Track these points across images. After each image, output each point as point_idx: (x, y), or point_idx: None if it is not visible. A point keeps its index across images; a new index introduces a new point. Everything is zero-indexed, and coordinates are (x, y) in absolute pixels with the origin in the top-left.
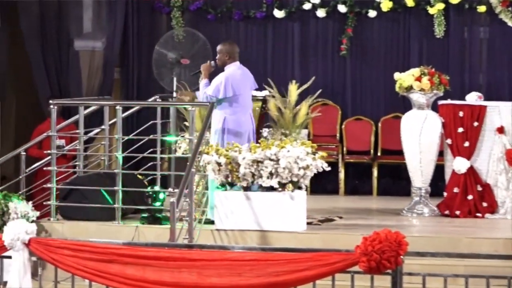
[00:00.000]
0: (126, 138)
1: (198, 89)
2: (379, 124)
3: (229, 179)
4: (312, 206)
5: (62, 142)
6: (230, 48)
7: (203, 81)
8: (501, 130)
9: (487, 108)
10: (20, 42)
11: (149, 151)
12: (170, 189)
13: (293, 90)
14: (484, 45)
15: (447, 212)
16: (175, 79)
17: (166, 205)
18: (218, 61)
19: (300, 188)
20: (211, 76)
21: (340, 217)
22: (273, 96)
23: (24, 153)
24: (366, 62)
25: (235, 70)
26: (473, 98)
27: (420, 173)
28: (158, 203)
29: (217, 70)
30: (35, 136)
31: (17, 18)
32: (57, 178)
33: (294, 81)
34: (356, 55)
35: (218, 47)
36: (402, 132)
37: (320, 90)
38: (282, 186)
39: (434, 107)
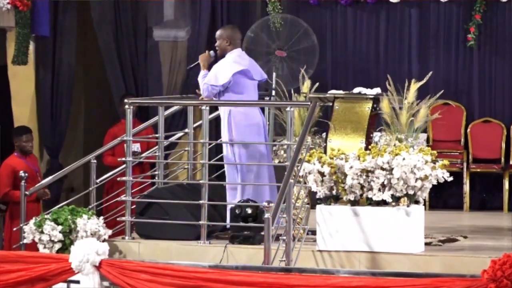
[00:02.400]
0: (213, 143)
1: (297, 90)
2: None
3: (334, 192)
4: (431, 223)
5: (136, 147)
6: (232, 33)
7: (202, 73)
8: None
9: None
10: (90, 32)
11: None
12: (265, 203)
13: (411, 87)
14: None
15: None
16: (274, 74)
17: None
18: (217, 48)
19: (417, 202)
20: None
21: (465, 237)
22: (387, 94)
23: (95, 161)
24: (497, 55)
25: (238, 56)
26: None
27: None
28: (250, 219)
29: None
30: (108, 141)
31: (88, 4)
32: (133, 190)
33: (412, 78)
34: (485, 46)
35: (218, 32)
36: None
37: (442, 89)
38: (396, 200)
39: None
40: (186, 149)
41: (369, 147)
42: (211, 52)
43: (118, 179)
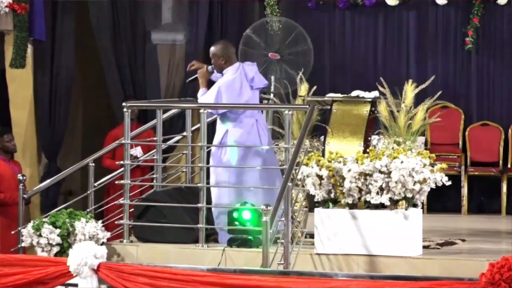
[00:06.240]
0: (211, 146)
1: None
2: (510, 131)
3: (332, 195)
4: (430, 226)
5: (138, 151)
6: (224, 50)
7: (200, 91)
8: None
9: None
10: (89, 35)
11: None
12: (263, 206)
13: (409, 90)
14: None
15: None
16: (272, 78)
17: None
18: (214, 67)
19: (415, 205)
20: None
21: (463, 240)
22: (385, 98)
23: (93, 164)
24: (495, 58)
25: (233, 77)
26: None
27: None
28: (248, 223)
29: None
30: (108, 143)
31: (86, 8)
32: (131, 193)
33: (410, 81)
34: (484, 49)
35: (211, 50)
36: None
37: (440, 91)
38: (394, 203)
39: None
40: (184, 152)
41: (367, 150)
42: (210, 67)
43: (117, 182)
